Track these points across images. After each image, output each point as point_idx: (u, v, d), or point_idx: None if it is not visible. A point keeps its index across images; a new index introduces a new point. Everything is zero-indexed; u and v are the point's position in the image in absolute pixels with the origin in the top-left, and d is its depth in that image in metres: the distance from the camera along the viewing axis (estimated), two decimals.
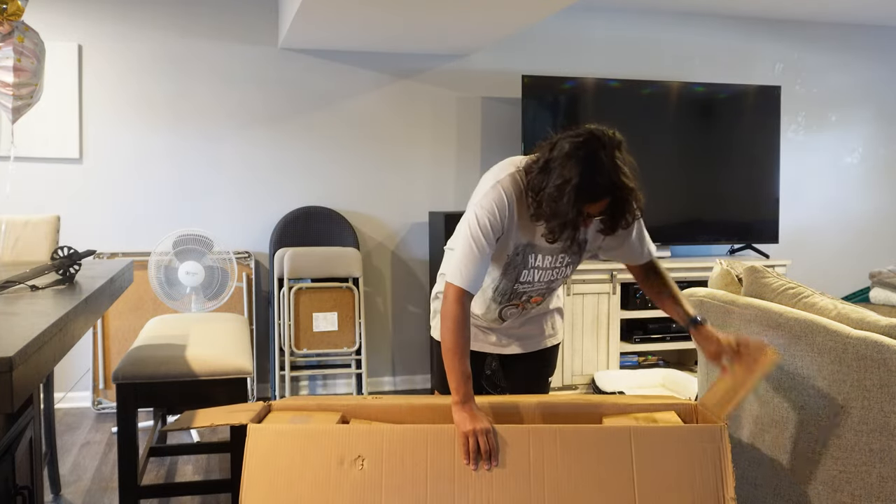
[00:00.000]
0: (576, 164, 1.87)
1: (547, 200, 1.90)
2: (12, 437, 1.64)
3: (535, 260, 2.14)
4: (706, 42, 5.30)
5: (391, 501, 1.74)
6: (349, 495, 1.74)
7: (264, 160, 4.62)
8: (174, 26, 4.44)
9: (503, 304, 2.23)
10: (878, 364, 1.87)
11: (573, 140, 1.91)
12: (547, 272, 2.18)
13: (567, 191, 1.86)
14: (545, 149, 1.97)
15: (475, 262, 2.01)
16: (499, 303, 2.23)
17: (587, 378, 4.63)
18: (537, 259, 2.14)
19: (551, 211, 1.90)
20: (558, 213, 1.89)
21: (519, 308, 2.27)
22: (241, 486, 1.76)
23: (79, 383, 4.38)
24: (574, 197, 1.86)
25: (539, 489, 1.76)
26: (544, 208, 1.92)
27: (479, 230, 2.01)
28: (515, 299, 2.23)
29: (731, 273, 2.48)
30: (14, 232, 2.96)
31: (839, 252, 5.68)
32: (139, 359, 2.53)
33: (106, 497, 3.12)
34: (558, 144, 1.93)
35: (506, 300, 2.22)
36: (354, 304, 4.42)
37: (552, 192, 1.88)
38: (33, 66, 2.75)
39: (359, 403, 2.12)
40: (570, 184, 1.86)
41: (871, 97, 5.69)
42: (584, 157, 1.88)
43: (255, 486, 1.76)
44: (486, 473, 1.77)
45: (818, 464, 2.00)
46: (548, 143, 1.98)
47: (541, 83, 4.72)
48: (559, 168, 1.89)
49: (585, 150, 1.89)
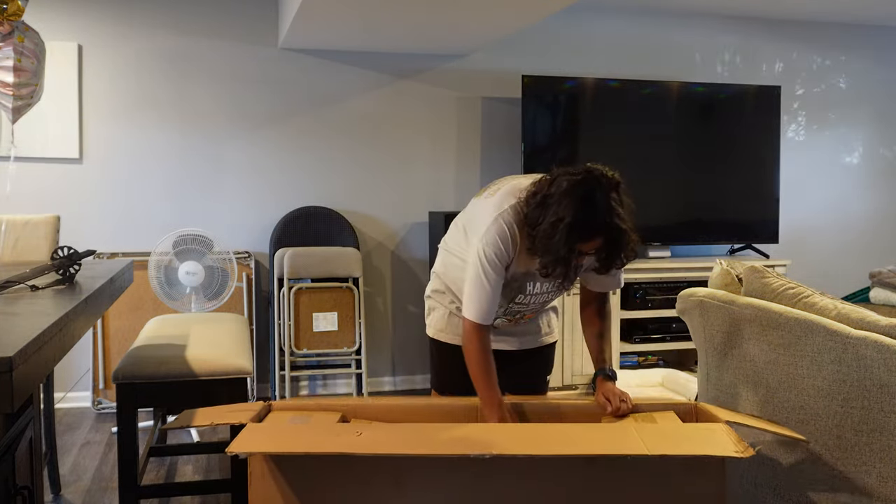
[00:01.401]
0: (571, 202, 1.89)
1: (540, 237, 1.92)
2: (12, 437, 1.64)
3: (532, 287, 2.18)
4: (706, 42, 5.30)
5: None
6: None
7: (264, 160, 4.62)
8: (174, 26, 4.44)
9: (497, 316, 2.27)
10: (878, 364, 1.87)
11: (571, 178, 1.92)
12: (542, 296, 2.23)
13: (560, 229, 1.88)
14: (544, 183, 1.98)
15: (487, 295, 2.06)
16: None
17: (587, 378, 4.63)
18: (535, 286, 2.17)
19: (544, 247, 1.92)
20: (550, 250, 1.91)
21: (511, 322, 2.31)
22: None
23: (79, 383, 4.38)
24: (566, 235, 1.88)
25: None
26: (538, 244, 1.94)
27: (488, 265, 2.04)
28: (509, 315, 2.27)
29: (731, 273, 2.48)
30: (14, 232, 2.96)
31: (839, 252, 5.68)
32: (139, 359, 2.53)
33: (106, 497, 3.12)
34: (556, 181, 1.95)
35: (500, 314, 2.26)
36: (354, 304, 4.42)
37: (546, 228, 1.90)
38: (33, 66, 2.75)
39: (359, 403, 2.12)
40: (564, 222, 1.87)
41: (871, 97, 5.69)
42: (580, 196, 1.90)
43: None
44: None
45: (818, 464, 2.00)
46: (548, 178, 1.99)
47: (541, 83, 4.72)
48: (555, 205, 1.91)
49: (582, 190, 1.90)
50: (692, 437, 1.79)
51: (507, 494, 1.76)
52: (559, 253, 1.89)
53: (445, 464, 1.74)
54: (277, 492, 1.75)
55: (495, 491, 1.75)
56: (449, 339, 2.32)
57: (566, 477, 1.76)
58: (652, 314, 4.72)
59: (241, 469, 2.46)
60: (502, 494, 1.76)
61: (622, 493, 1.76)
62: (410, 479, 1.75)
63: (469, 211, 2.27)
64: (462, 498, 1.75)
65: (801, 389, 2.04)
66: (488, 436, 1.78)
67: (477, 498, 1.75)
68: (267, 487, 1.75)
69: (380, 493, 1.75)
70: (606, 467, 1.76)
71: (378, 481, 1.75)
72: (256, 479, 1.75)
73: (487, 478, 1.75)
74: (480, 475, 1.74)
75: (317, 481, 1.75)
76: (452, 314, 2.31)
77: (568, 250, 1.89)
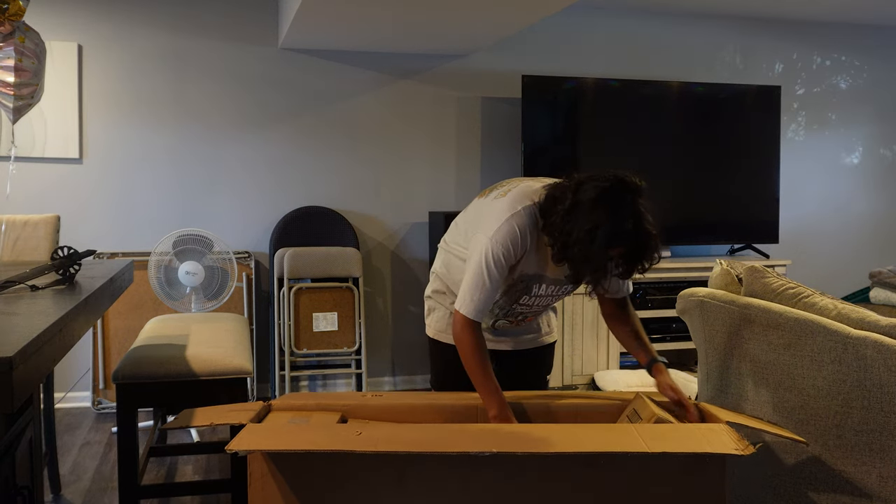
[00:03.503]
0: (606, 209, 1.89)
1: (576, 244, 1.91)
2: (12, 437, 1.64)
3: (538, 289, 2.17)
4: (706, 42, 5.30)
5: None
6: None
7: (264, 160, 4.62)
8: (174, 26, 4.44)
9: (498, 318, 2.27)
10: (878, 364, 1.87)
11: (600, 184, 1.92)
12: (547, 298, 2.22)
13: (598, 236, 1.87)
14: (567, 190, 1.97)
15: (485, 292, 2.05)
16: (495, 315, 2.26)
17: (587, 378, 4.63)
18: (541, 288, 2.17)
19: (582, 255, 1.91)
20: (590, 258, 1.90)
21: (513, 324, 2.31)
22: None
23: (79, 383, 4.38)
24: (605, 242, 1.87)
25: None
26: (574, 252, 1.92)
27: (493, 263, 2.03)
28: (511, 316, 2.27)
29: (731, 273, 2.48)
30: (14, 232, 2.96)
31: (839, 252, 5.68)
32: (139, 359, 2.53)
33: (106, 497, 3.12)
34: (583, 188, 1.93)
35: (502, 315, 2.25)
36: (354, 304, 4.42)
37: (582, 236, 1.89)
38: (34, 66, 2.75)
39: (359, 403, 2.12)
40: (601, 229, 1.87)
41: (871, 97, 5.69)
42: (615, 202, 1.90)
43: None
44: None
45: (818, 464, 2.00)
46: (570, 185, 1.98)
47: (541, 83, 4.72)
48: (587, 213, 1.90)
49: (613, 195, 1.90)
50: (692, 436, 1.79)
51: (508, 493, 1.76)
52: (598, 260, 1.90)
53: (446, 461, 1.74)
54: (277, 492, 1.75)
55: (496, 489, 1.75)
56: (449, 340, 2.31)
57: (567, 475, 1.76)
58: (652, 314, 4.72)
59: (241, 469, 2.47)
60: (503, 493, 1.76)
61: (623, 492, 1.76)
62: (411, 478, 1.75)
63: (473, 211, 2.26)
64: (462, 496, 1.75)
65: (801, 389, 2.04)
66: (488, 434, 1.78)
67: (477, 496, 1.75)
68: (267, 487, 1.75)
69: (380, 492, 1.75)
70: (607, 466, 1.76)
71: (378, 480, 1.75)
72: (256, 479, 1.75)
73: (488, 476, 1.75)
74: (481, 473, 1.74)
75: (317, 481, 1.75)
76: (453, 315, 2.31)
77: (606, 256, 1.90)
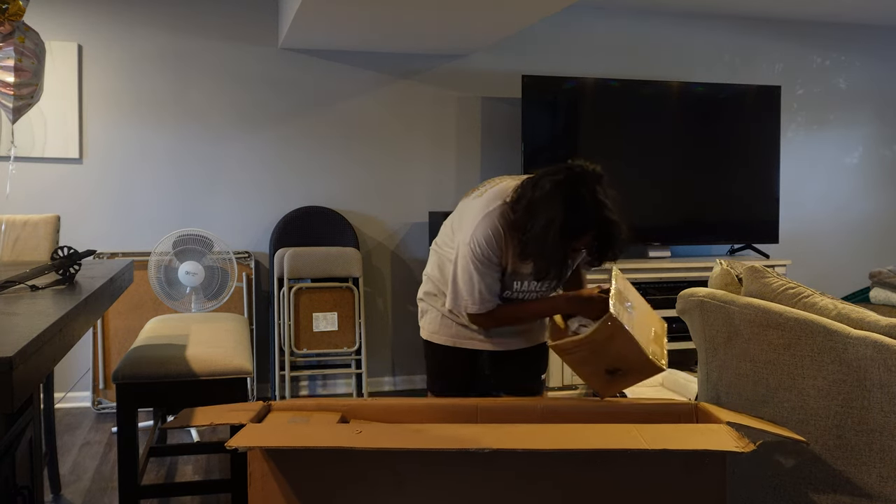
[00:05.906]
0: (559, 203, 1.89)
1: (532, 241, 1.92)
2: (12, 437, 1.64)
3: (519, 286, 2.17)
4: (706, 42, 5.30)
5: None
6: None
7: (264, 160, 4.62)
8: (174, 26, 4.44)
9: None
10: (877, 364, 1.86)
11: (553, 178, 1.92)
12: (531, 293, 2.23)
13: (551, 231, 1.87)
14: (527, 188, 1.98)
15: (482, 284, 2.07)
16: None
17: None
18: (523, 285, 2.17)
19: (539, 251, 1.92)
20: (545, 254, 1.91)
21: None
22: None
23: (79, 383, 4.38)
24: (559, 236, 1.87)
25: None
26: (531, 249, 1.93)
27: (477, 261, 2.05)
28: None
29: (731, 273, 2.48)
30: (14, 232, 2.96)
31: (839, 252, 5.68)
32: (139, 359, 2.53)
33: (106, 497, 3.12)
34: (539, 184, 1.94)
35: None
36: (354, 304, 4.43)
37: (538, 232, 1.90)
38: (34, 66, 2.75)
39: (359, 403, 2.12)
40: (554, 224, 1.87)
41: (871, 97, 5.69)
42: (566, 195, 1.89)
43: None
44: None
45: (818, 464, 2.00)
46: (531, 181, 1.99)
47: (541, 83, 4.72)
48: (543, 209, 1.91)
49: (567, 188, 1.90)
50: (692, 435, 1.79)
51: (507, 491, 1.76)
52: (554, 255, 1.90)
53: (445, 459, 1.74)
54: (278, 491, 1.75)
55: (495, 487, 1.75)
56: (442, 341, 2.31)
57: (566, 473, 1.76)
58: None
59: (241, 469, 2.47)
60: (502, 490, 1.76)
61: (623, 491, 1.76)
62: (410, 476, 1.75)
63: (458, 212, 2.27)
64: (462, 494, 1.75)
65: (801, 389, 2.04)
66: (488, 433, 1.78)
67: (477, 494, 1.75)
68: (267, 487, 1.75)
69: (380, 491, 1.75)
70: (606, 465, 1.76)
71: (378, 479, 1.75)
72: (256, 479, 1.75)
73: (487, 473, 1.75)
74: (480, 471, 1.74)
75: (317, 480, 1.75)
76: (445, 316, 2.31)
77: (562, 251, 1.90)
